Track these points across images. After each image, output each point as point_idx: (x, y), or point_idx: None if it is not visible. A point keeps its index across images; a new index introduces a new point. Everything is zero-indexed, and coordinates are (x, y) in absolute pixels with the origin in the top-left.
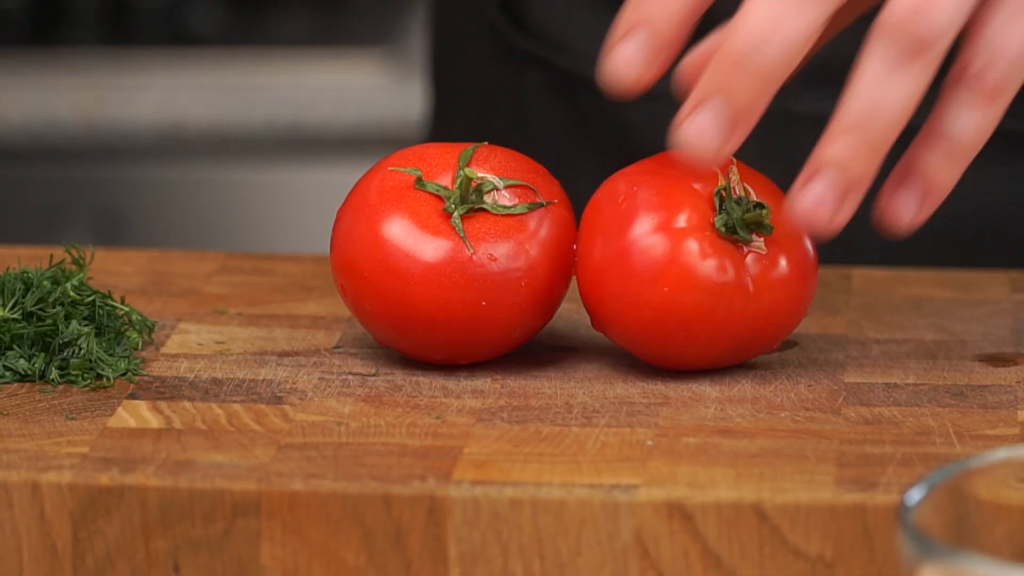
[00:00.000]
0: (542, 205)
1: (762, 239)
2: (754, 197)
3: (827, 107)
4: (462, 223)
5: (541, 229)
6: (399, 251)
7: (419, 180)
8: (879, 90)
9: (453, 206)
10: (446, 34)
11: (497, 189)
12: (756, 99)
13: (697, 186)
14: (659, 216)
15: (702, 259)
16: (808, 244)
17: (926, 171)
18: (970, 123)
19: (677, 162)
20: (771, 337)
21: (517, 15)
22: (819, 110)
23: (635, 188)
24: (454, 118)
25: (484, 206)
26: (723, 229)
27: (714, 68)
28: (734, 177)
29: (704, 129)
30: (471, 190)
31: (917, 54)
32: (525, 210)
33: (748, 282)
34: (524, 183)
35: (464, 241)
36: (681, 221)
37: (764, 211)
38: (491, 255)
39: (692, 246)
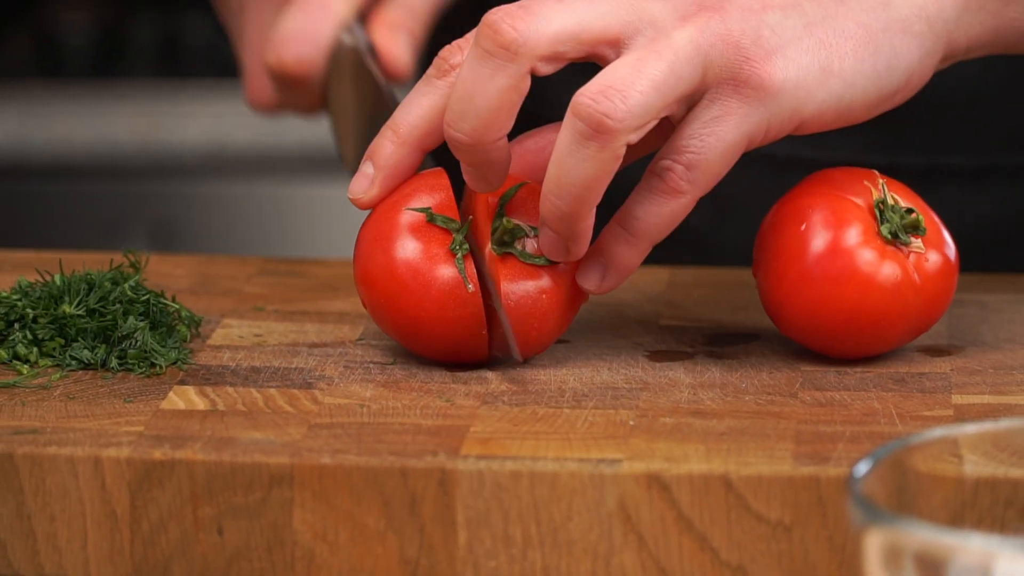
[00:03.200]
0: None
1: (919, 239)
2: (903, 204)
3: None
4: (465, 263)
5: (560, 280)
6: (410, 278)
7: (430, 215)
8: (562, 164)
9: (457, 247)
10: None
11: (527, 236)
12: (475, 155)
13: (857, 200)
14: (835, 233)
15: (879, 265)
16: (948, 237)
17: (609, 249)
18: (651, 211)
19: (832, 180)
20: (933, 319)
21: None
22: (774, 149)
23: (809, 211)
24: (436, 152)
25: (512, 252)
26: (889, 236)
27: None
28: (885, 189)
29: (466, 177)
30: (504, 234)
31: (594, 136)
32: (544, 263)
33: (915, 277)
34: None
35: (464, 280)
36: (854, 235)
37: (919, 216)
38: (510, 296)
39: (869, 256)
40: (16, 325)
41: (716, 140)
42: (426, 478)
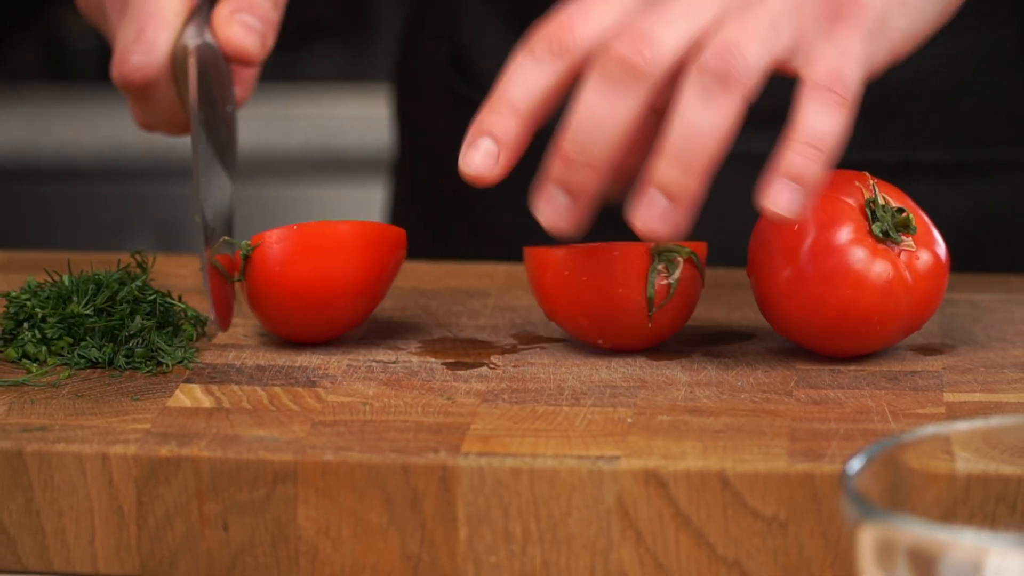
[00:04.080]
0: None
1: (910, 238)
2: (893, 204)
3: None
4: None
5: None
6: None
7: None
8: (691, 118)
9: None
10: (407, 81)
11: (679, 260)
12: (589, 185)
13: (849, 200)
14: (828, 232)
15: (871, 263)
16: (938, 236)
17: (797, 169)
18: (831, 122)
19: (827, 181)
20: (924, 318)
21: (466, 67)
22: (769, 150)
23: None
24: (415, 157)
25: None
26: (880, 235)
27: (554, 161)
28: (876, 189)
29: (552, 216)
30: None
31: (723, 88)
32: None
33: (907, 275)
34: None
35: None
36: (846, 234)
37: (909, 215)
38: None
39: (860, 254)
40: (25, 324)
41: (853, 55)
42: (427, 475)
